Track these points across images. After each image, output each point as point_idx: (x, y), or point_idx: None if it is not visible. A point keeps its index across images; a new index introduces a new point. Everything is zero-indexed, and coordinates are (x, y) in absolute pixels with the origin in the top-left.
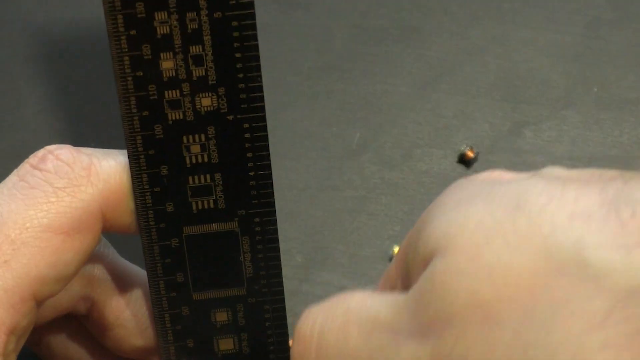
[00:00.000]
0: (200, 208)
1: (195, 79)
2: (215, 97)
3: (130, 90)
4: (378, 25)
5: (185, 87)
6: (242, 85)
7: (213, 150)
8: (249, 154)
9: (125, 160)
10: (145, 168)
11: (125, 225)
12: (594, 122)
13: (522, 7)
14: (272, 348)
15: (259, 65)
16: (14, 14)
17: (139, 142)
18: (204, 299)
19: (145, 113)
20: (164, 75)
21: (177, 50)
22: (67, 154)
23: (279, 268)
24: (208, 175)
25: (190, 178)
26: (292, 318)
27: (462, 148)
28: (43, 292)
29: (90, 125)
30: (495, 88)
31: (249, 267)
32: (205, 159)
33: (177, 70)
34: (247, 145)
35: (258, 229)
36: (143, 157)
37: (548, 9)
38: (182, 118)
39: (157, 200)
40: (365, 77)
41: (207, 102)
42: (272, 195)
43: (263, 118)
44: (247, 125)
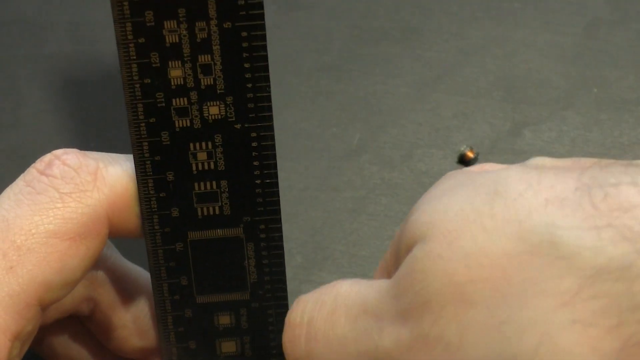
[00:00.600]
0: (206, 214)
1: (204, 88)
2: (224, 105)
3: (138, 97)
4: (378, 26)
5: (193, 95)
6: (250, 95)
7: (220, 158)
8: (256, 162)
9: (131, 166)
10: (152, 174)
11: (131, 230)
12: (594, 122)
13: (521, 7)
14: (274, 352)
15: (268, 76)
16: (14, 14)
17: (146, 148)
18: (207, 303)
19: (153, 120)
20: (172, 84)
21: (185, 59)
22: (73, 159)
23: (283, 274)
24: (214, 182)
25: (196, 184)
26: None
27: (462, 148)
28: (48, 297)
29: (91, 126)
30: (495, 88)
31: (253, 272)
32: (212, 166)
33: (185, 79)
34: (254, 154)
35: (263, 236)
36: (149, 162)
37: (548, 10)
38: (189, 125)
39: (162, 206)
40: (365, 77)
41: (214, 110)
42: (277, 203)
43: (271, 127)
44: (254, 134)
